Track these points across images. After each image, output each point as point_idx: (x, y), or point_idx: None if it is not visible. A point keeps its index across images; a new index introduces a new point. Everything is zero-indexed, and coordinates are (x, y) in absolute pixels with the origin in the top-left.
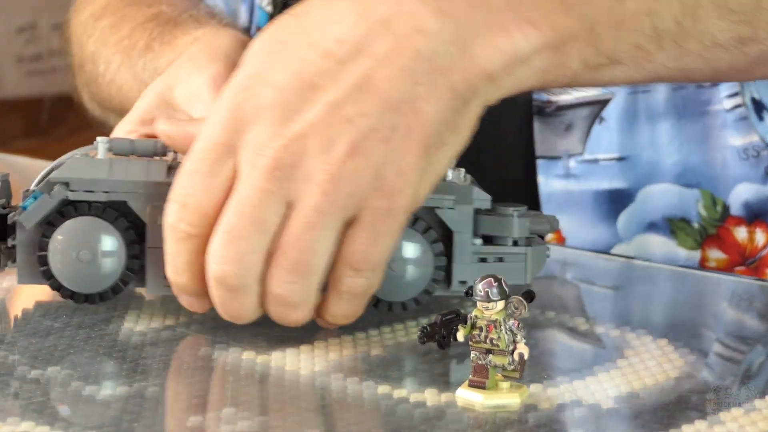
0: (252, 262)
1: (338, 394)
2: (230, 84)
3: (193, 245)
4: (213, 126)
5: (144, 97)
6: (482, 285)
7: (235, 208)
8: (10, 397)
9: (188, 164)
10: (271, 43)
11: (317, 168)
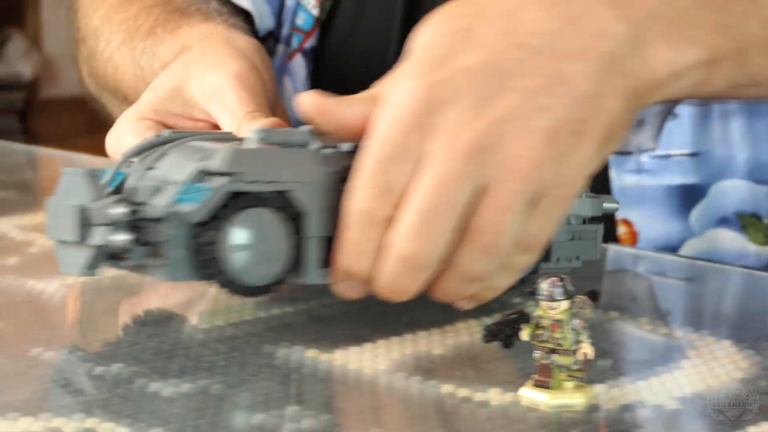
0: (442, 242)
1: (401, 393)
2: (409, 67)
3: (382, 229)
4: (401, 108)
5: (156, 89)
6: (546, 284)
7: (431, 190)
8: (75, 394)
9: (378, 148)
10: (452, 28)
11: (514, 154)
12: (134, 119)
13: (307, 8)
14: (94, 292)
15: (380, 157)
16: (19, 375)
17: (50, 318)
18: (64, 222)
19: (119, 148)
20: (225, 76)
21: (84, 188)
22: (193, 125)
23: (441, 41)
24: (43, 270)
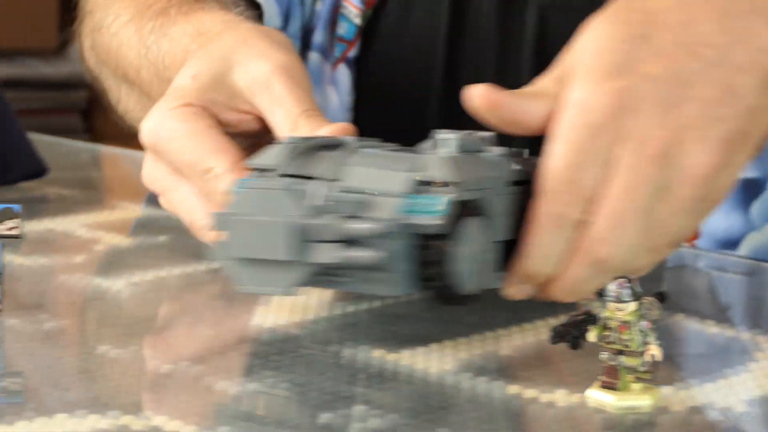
0: (630, 245)
1: (468, 394)
2: (592, 70)
3: (571, 232)
4: (592, 113)
5: (197, 76)
6: (614, 286)
7: (622, 194)
8: (142, 392)
9: (570, 152)
10: (629, 34)
11: (694, 161)
12: (177, 105)
13: (349, 17)
14: (160, 291)
15: (572, 161)
16: (86, 373)
17: (117, 316)
18: (267, 239)
19: (160, 135)
20: (271, 68)
21: (286, 203)
22: (236, 117)
23: (620, 47)
24: (109, 268)
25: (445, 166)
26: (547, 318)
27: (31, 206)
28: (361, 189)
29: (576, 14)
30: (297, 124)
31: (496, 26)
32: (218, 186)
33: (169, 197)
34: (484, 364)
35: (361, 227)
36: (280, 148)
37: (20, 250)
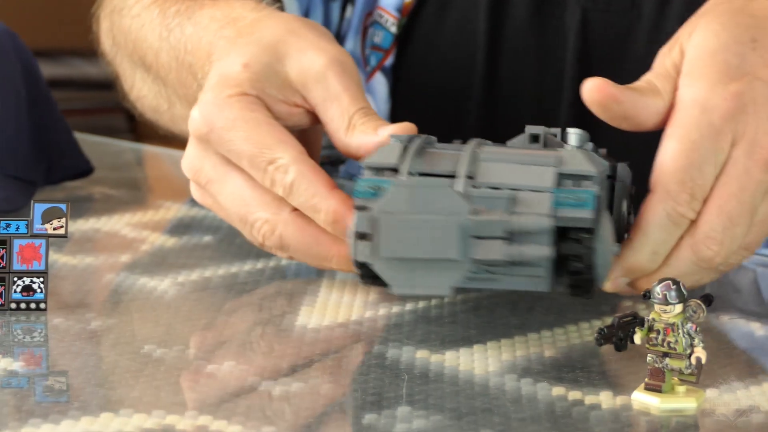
0: (737, 244)
1: (512, 395)
2: (709, 71)
3: (683, 230)
4: (713, 113)
5: (249, 65)
6: (660, 288)
7: (737, 197)
8: (187, 391)
9: (692, 152)
10: (740, 38)
11: None
12: (233, 93)
13: (385, 26)
14: (205, 291)
15: (694, 161)
16: (132, 372)
17: (162, 315)
18: (432, 238)
19: (215, 124)
20: (325, 61)
21: (451, 200)
22: (287, 110)
23: (734, 49)
24: (154, 268)
25: (585, 160)
26: (592, 320)
27: (76, 205)
28: (508, 185)
29: (618, 15)
30: (353, 122)
31: (536, 28)
32: (285, 178)
33: (215, 189)
34: (528, 365)
35: (538, 222)
36: (392, 147)
37: (65, 249)
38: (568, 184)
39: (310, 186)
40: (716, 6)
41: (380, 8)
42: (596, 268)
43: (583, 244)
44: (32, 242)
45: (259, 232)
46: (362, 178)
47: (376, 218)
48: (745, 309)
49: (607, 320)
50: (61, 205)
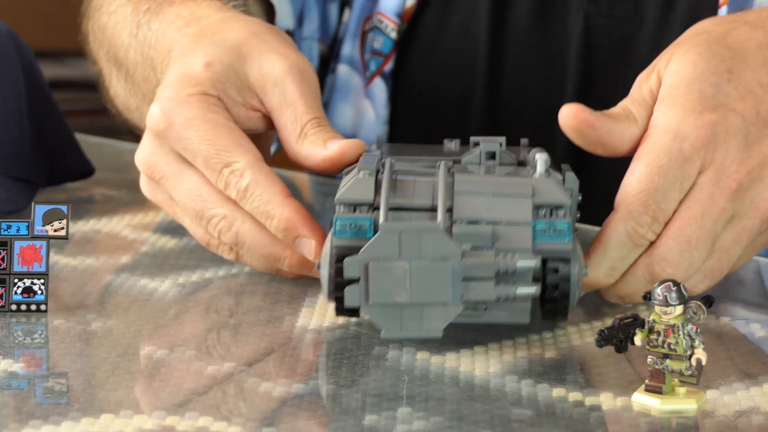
0: (695, 269)
1: (513, 396)
2: (685, 99)
3: (642, 250)
4: (685, 141)
5: (211, 64)
6: (661, 289)
7: (698, 222)
8: (187, 393)
9: (659, 176)
10: (717, 69)
11: (764, 195)
12: (194, 92)
13: (385, 32)
14: (205, 293)
15: (659, 185)
16: (131, 373)
17: (162, 317)
18: (425, 283)
19: (174, 121)
20: (285, 66)
21: (442, 244)
22: (245, 113)
23: (711, 79)
24: (154, 269)
25: (557, 189)
26: (593, 322)
27: (77, 207)
28: (487, 219)
29: (621, 21)
30: (305, 131)
31: (538, 33)
32: (239, 182)
33: (170, 185)
34: (529, 367)
35: (527, 263)
36: (364, 181)
37: (66, 250)
38: (542, 214)
39: (264, 192)
40: (694, 36)
41: (380, 13)
42: (573, 293)
43: (560, 273)
44: (33, 244)
45: (215, 228)
46: (338, 215)
47: (366, 265)
48: (749, 301)
49: (607, 322)
50: (62, 206)
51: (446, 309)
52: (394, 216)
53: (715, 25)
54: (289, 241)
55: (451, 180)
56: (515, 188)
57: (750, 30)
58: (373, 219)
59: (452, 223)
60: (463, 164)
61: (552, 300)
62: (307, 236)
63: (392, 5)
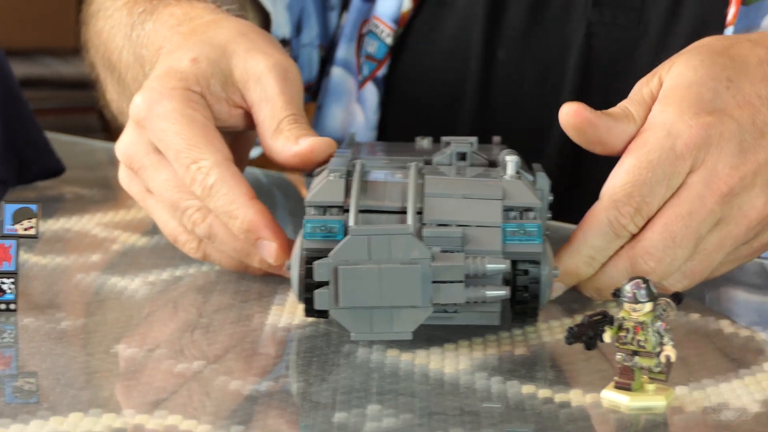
0: (676, 266)
1: (482, 394)
2: (682, 100)
3: (623, 242)
4: (678, 139)
5: (197, 60)
6: (630, 286)
7: (685, 220)
8: (156, 391)
9: (647, 170)
10: (718, 75)
11: (753, 204)
12: (177, 87)
13: (380, 37)
14: (175, 291)
15: (647, 179)
16: (101, 372)
17: (132, 315)
18: (395, 286)
19: (154, 111)
20: (268, 64)
21: (412, 247)
22: (227, 110)
23: (710, 84)
24: (125, 267)
25: (527, 191)
26: (563, 318)
27: (47, 205)
28: (457, 221)
29: (623, 30)
30: (281, 126)
31: (535, 39)
32: (205, 179)
33: (147, 175)
34: (498, 364)
35: (497, 266)
36: (334, 182)
37: (36, 249)
38: (513, 216)
39: (229, 192)
40: (698, 47)
41: (376, 18)
42: (542, 294)
43: (530, 275)
44: (2, 243)
45: (190, 219)
46: (308, 218)
47: (336, 269)
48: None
49: (577, 319)
50: (32, 205)
51: (416, 311)
52: (364, 218)
53: (718, 40)
54: (250, 243)
55: (421, 182)
56: (485, 190)
57: (752, 46)
58: (343, 221)
59: (422, 226)
60: (434, 165)
61: (522, 301)
62: (269, 239)
63: (389, 10)
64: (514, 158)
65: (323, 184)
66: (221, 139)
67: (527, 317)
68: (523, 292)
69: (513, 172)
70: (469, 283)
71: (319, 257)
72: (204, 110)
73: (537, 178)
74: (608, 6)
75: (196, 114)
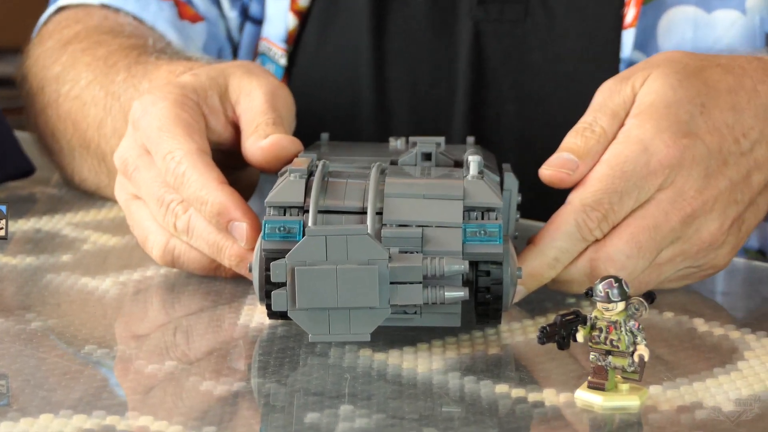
0: (634, 275)
1: (455, 393)
2: (662, 120)
3: (586, 246)
4: (654, 156)
5: (197, 75)
6: (602, 286)
7: (650, 233)
8: (128, 392)
9: (619, 179)
10: (692, 99)
11: (708, 227)
12: (174, 91)
13: (274, 59)
14: (146, 291)
15: (618, 187)
16: (72, 373)
17: (103, 316)
18: (352, 287)
19: (147, 110)
20: (260, 83)
21: (367, 247)
22: (222, 124)
23: (686, 107)
24: (95, 267)
25: (488, 191)
26: (536, 317)
27: (17, 206)
28: (417, 221)
29: (511, 26)
30: (257, 127)
31: (426, 41)
32: (177, 168)
33: (139, 177)
34: (471, 363)
35: (455, 267)
36: (294, 183)
37: (6, 249)
38: (474, 216)
39: (199, 178)
40: (671, 62)
41: (266, 40)
42: (506, 295)
43: (492, 276)
44: None
45: (172, 213)
46: (267, 218)
47: (292, 269)
48: (691, 310)
49: (549, 318)
50: (1, 206)
51: (374, 312)
52: (324, 219)
53: (690, 59)
54: (222, 228)
55: (382, 182)
56: (446, 190)
57: (722, 73)
58: (303, 222)
59: (382, 226)
60: (399, 165)
61: (484, 303)
62: (239, 219)
63: (277, 31)
64: (476, 158)
65: (283, 184)
66: (202, 135)
67: (490, 319)
68: (486, 294)
69: (476, 172)
70: (428, 284)
71: (278, 258)
72: (195, 115)
73: (505, 179)
74: (493, 3)
75: (184, 114)
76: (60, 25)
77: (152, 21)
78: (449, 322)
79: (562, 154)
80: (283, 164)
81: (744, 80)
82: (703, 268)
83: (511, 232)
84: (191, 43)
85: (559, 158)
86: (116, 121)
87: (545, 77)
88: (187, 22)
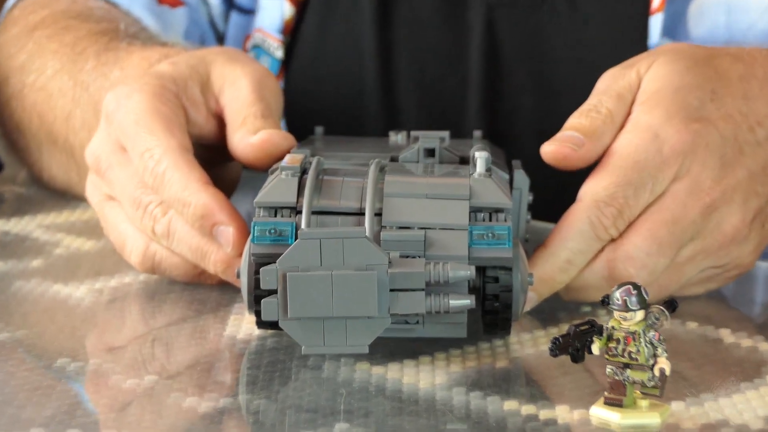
0: (654, 275)
1: (460, 410)
2: (672, 106)
3: (602, 245)
4: (666, 144)
5: (176, 63)
6: (620, 293)
7: (669, 227)
8: (104, 409)
9: (632, 172)
10: (702, 86)
11: (730, 220)
12: (151, 82)
13: (269, 51)
14: (124, 300)
15: (632, 180)
16: (43, 388)
17: (77, 326)
18: (350, 294)
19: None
20: (244, 71)
21: (367, 252)
22: (203, 118)
23: (696, 93)
24: (69, 274)
25: (497, 190)
26: (548, 328)
27: None
28: (419, 224)
29: (526, 12)
30: (245, 120)
31: (435, 29)
32: (156, 167)
33: (113, 175)
34: (478, 378)
35: (460, 273)
36: (286, 181)
37: None
38: (481, 218)
39: (181, 178)
40: (677, 51)
41: (260, 31)
42: (515, 303)
43: (500, 283)
44: None
45: (150, 216)
46: (257, 219)
47: (284, 276)
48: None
49: (562, 328)
50: None
51: (372, 322)
52: (318, 221)
53: (697, 48)
54: (206, 232)
55: (381, 181)
56: (451, 190)
57: (733, 61)
58: (295, 224)
59: (381, 229)
60: (399, 162)
61: (492, 312)
62: (225, 223)
63: (272, 21)
64: (483, 154)
65: (274, 182)
66: (183, 130)
67: (499, 330)
68: (494, 302)
69: (483, 170)
70: (431, 292)
71: (268, 263)
72: (174, 107)
73: (515, 176)
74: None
75: (162, 107)
76: (26, 10)
77: (127, 5)
78: (454, 332)
79: (566, 132)
80: (274, 161)
81: (755, 69)
82: (727, 268)
83: (522, 234)
84: (171, 29)
85: (563, 135)
86: (85, 113)
87: (566, 67)
88: (166, 6)
